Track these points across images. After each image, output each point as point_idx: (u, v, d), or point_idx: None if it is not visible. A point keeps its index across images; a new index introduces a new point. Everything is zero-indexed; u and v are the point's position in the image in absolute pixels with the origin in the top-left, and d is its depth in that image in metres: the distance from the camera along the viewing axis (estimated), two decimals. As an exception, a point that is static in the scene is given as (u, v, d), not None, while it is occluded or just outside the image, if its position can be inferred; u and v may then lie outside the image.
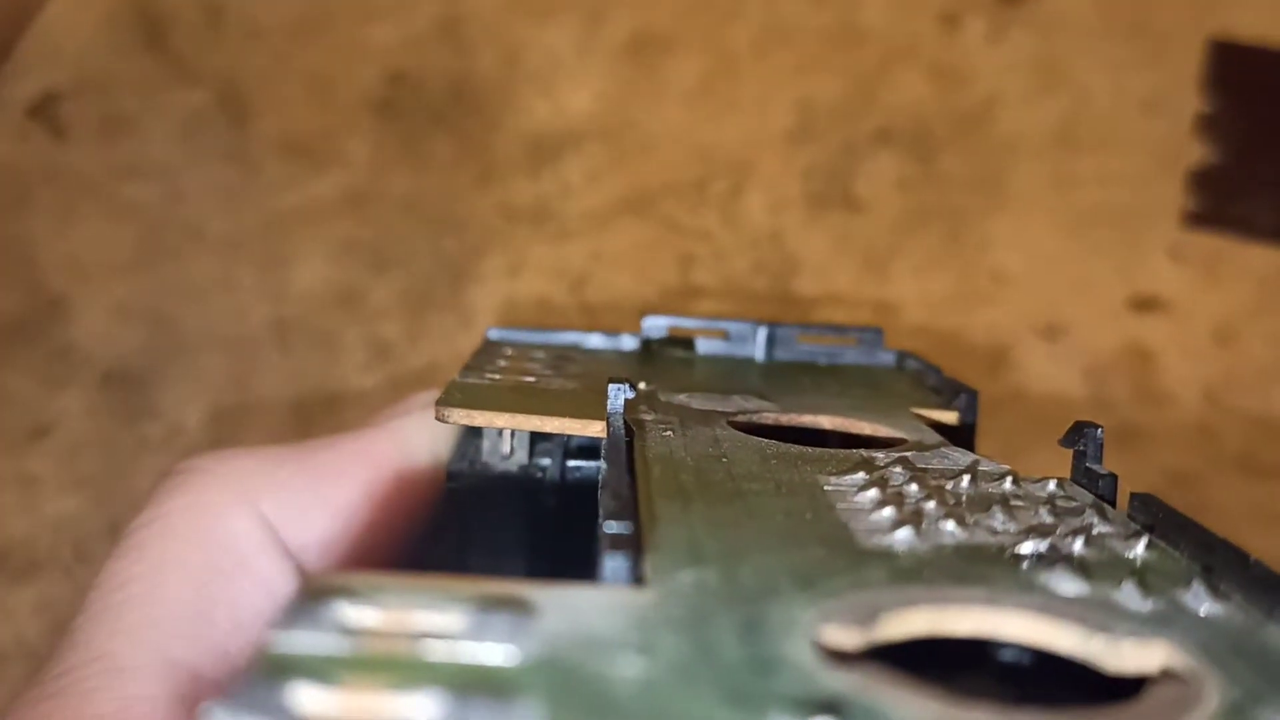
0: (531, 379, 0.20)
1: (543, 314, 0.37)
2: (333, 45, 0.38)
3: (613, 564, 0.11)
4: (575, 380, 0.20)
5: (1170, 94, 0.37)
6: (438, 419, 0.17)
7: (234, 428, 0.36)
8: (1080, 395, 0.36)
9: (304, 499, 0.18)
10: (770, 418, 0.19)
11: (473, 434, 0.19)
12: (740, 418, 0.18)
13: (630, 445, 0.16)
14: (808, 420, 0.19)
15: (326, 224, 0.37)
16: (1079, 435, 0.16)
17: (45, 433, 0.35)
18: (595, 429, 0.17)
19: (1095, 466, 0.15)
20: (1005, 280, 0.37)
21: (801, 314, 0.37)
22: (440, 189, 0.38)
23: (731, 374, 0.23)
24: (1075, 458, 0.16)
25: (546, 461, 0.18)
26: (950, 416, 0.19)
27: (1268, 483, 0.35)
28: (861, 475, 0.15)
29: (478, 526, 0.18)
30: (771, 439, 0.17)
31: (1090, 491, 0.15)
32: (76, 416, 0.35)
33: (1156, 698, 0.10)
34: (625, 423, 0.16)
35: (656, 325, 0.24)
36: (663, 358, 0.24)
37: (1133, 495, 0.15)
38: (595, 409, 0.17)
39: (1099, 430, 0.16)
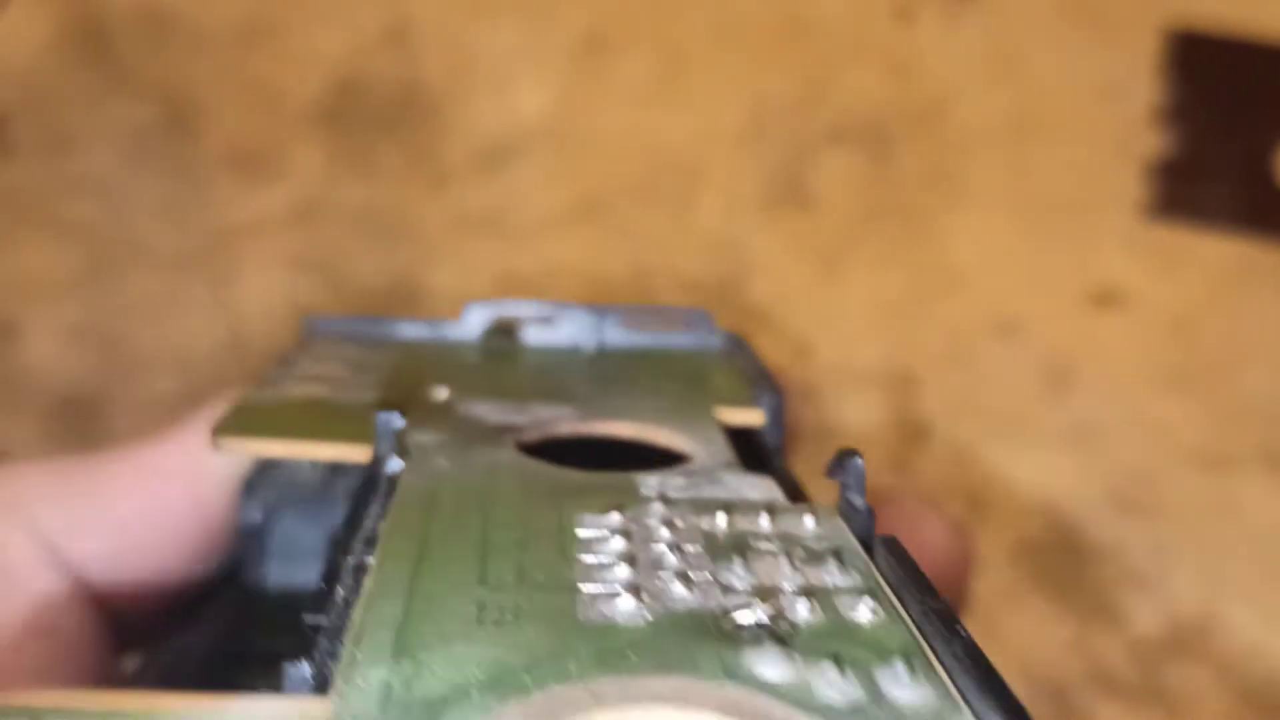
0: (326, 390, 0.19)
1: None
2: (279, 55, 0.38)
3: (294, 672, 0.10)
4: (373, 389, 0.19)
5: (1125, 82, 0.36)
6: (214, 448, 0.16)
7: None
8: (1036, 392, 0.35)
9: (85, 512, 0.17)
10: (567, 428, 0.18)
11: None
12: (531, 434, 0.17)
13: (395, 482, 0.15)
14: (603, 430, 0.18)
15: (277, 237, 0.37)
16: (840, 467, 0.14)
17: None
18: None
19: (854, 499, 0.14)
20: (960, 276, 0.36)
21: (753, 315, 0.36)
22: (391, 199, 0.37)
23: (551, 367, 0.21)
24: (841, 489, 0.14)
25: (350, 472, 0.17)
26: (755, 416, 0.18)
27: (1226, 476, 0.34)
28: (615, 517, 0.14)
29: (280, 542, 0.18)
30: (564, 453, 0.16)
31: (849, 527, 0.14)
32: (30, 444, 0.35)
33: None
34: (396, 454, 0.15)
35: (481, 315, 0.23)
36: (483, 350, 0.23)
37: (879, 539, 0.13)
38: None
39: (859, 460, 0.14)
